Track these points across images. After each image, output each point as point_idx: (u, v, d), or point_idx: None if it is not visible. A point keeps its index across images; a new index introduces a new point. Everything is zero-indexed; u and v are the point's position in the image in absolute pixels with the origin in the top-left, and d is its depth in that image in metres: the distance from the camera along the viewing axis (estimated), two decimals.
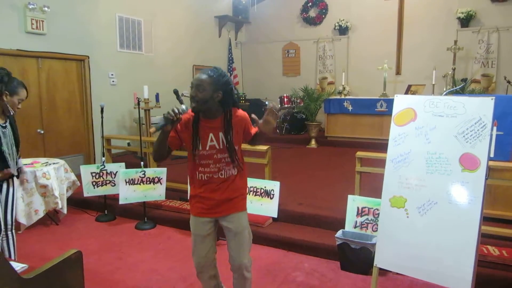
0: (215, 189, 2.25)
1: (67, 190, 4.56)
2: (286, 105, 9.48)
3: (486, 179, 2.33)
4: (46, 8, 5.66)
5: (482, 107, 2.39)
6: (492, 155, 3.30)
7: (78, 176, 4.74)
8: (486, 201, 2.63)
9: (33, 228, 4.25)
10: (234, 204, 2.29)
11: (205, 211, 2.28)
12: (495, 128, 3.33)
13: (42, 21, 5.70)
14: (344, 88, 9.15)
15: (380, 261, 2.68)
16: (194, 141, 2.19)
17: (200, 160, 2.22)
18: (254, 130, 2.26)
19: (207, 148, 2.20)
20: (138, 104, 5.00)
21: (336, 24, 9.85)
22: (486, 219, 3.12)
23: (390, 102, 7.53)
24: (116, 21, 7.09)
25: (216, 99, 2.13)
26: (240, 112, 2.30)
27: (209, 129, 2.20)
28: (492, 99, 2.38)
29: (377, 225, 3.04)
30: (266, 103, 10.16)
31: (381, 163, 2.93)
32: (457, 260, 2.33)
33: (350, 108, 8.22)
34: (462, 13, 8.52)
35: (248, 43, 11.17)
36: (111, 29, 7.01)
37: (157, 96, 6.71)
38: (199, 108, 2.15)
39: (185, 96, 7.88)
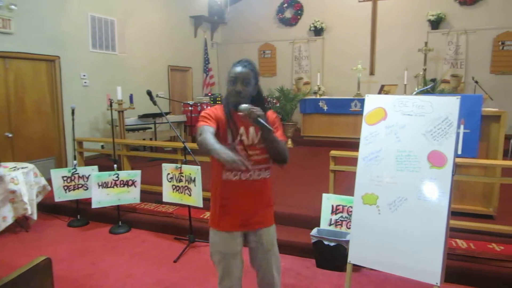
0: (245, 195, 1.99)
1: (37, 195, 4.43)
2: None
3: (453, 175, 2.40)
4: (13, 7, 5.48)
5: (449, 106, 2.47)
6: (460, 152, 3.41)
7: (49, 181, 4.61)
8: (454, 196, 2.72)
9: (1, 235, 4.10)
10: (267, 215, 2.07)
11: (236, 224, 2.02)
12: (462, 126, 3.44)
13: (9, 19, 5.51)
14: (319, 88, 9.27)
15: (353, 257, 2.73)
16: (228, 133, 1.95)
17: None
18: (278, 134, 1.99)
19: (237, 142, 1.97)
20: (111, 105, 4.92)
21: (311, 25, 9.96)
22: (454, 214, 3.21)
23: (364, 102, 7.65)
24: (89, 20, 6.94)
25: (254, 92, 1.99)
26: (271, 111, 2.11)
27: (240, 122, 1.95)
28: (457, 98, 2.46)
29: (351, 222, 3.09)
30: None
31: (355, 161, 2.98)
32: (427, 254, 2.40)
33: (325, 108, 8.33)
34: (433, 15, 8.78)
35: (224, 43, 11.15)
36: (83, 28, 6.85)
37: (131, 97, 6.60)
38: (244, 103, 1.89)
39: (159, 97, 7.82)
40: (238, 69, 1.96)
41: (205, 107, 8.75)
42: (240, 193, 1.98)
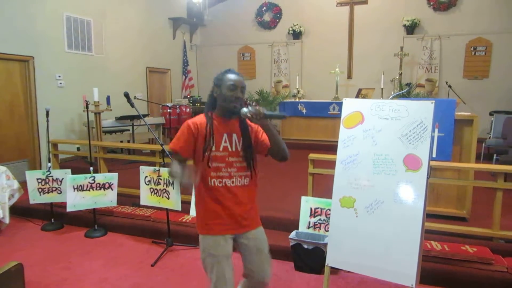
0: (230, 199, 2.05)
1: (9, 198, 4.28)
2: None
3: (428, 178, 2.46)
4: None
5: (423, 110, 2.53)
6: (434, 155, 3.50)
7: (23, 183, 4.47)
8: (429, 199, 2.78)
9: None
10: (254, 217, 2.16)
11: (227, 227, 2.05)
12: (436, 130, 3.53)
13: None
14: (298, 92, 9.35)
15: (331, 260, 2.75)
16: (209, 140, 2.00)
17: (212, 163, 2.01)
18: (264, 138, 2.09)
19: (221, 149, 2.02)
20: (87, 107, 4.81)
21: (290, 29, 10.04)
22: (429, 216, 3.29)
23: (342, 106, 7.77)
24: (64, 20, 6.78)
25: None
26: None
27: (223, 129, 2.05)
28: (432, 102, 2.52)
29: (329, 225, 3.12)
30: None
31: (333, 164, 3.01)
32: (402, 256, 2.44)
33: (304, 111, 8.40)
34: (408, 21, 8.99)
35: (203, 46, 11.10)
36: (58, 28, 6.70)
37: (108, 98, 6.48)
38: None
39: (137, 99, 7.71)
40: (235, 77, 2.05)
41: (184, 109, 8.71)
42: (227, 198, 2.04)
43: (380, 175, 2.62)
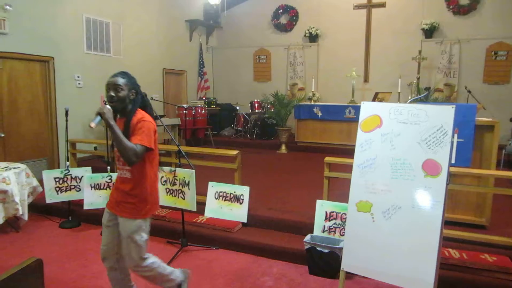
0: (116, 188, 2.44)
1: (28, 196, 4.37)
2: (257, 111, 9.53)
3: (447, 184, 2.42)
4: (8, 7, 5.44)
5: (444, 115, 2.49)
6: (453, 161, 3.44)
7: (41, 181, 4.56)
8: (447, 205, 2.73)
9: None
10: (122, 208, 2.38)
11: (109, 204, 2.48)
12: (456, 135, 3.47)
13: (4, 20, 5.46)
14: (314, 95, 9.31)
15: (346, 265, 2.73)
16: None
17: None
18: (135, 139, 2.24)
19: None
20: None
21: (307, 32, 10.02)
22: (447, 223, 3.23)
23: (358, 109, 7.67)
24: (83, 22, 6.90)
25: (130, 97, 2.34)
26: (141, 116, 2.34)
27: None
28: (452, 107, 2.48)
29: (345, 230, 3.09)
30: (237, 108, 10.17)
31: (349, 168, 2.99)
32: (420, 263, 2.41)
33: (319, 114, 8.35)
34: (426, 24, 8.87)
35: (219, 48, 11.16)
36: (77, 30, 6.81)
37: None
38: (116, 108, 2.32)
39: (154, 99, 7.79)
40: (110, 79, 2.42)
41: (199, 110, 8.75)
42: (116, 184, 2.47)
43: (398, 180, 2.59)
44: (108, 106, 2.26)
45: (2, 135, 5.60)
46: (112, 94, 2.30)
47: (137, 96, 2.39)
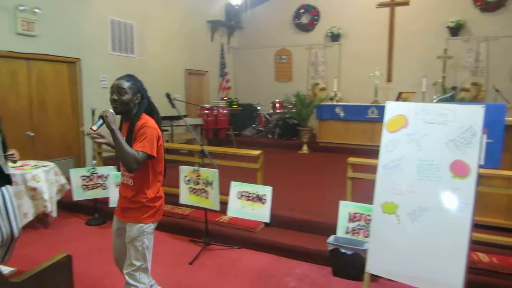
0: (120, 194, 2.42)
1: (56, 193, 4.50)
2: (278, 111, 9.52)
3: (476, 186, 2.36)
4: (37, 10, 5.61)
5: (473, 115, 2.43)
6: (482, 162, 3.35)
7: (68, 179, 4.69)
8: (476, 208, 2.66)
9: (22, 231, 4.12)
10: (125, 214, 2.36)
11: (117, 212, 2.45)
12: (485, 135, 3.37)
13: (33, 22, 5.64)
14: (336, 94, 9.23)
15: (371, 267, 2.69)
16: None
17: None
18: (137, 146, 2.18)
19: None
20: None
21: (328, 31, 9.94)
22: (476, 226, 3.14)
23: (381, 109, 7.60)
24: (108, 24, 7.05)
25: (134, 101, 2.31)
26: (145, 121, 2.27)
27: (122, 132, 2.31)
28: (482, 107, 2.42)
29: (369, 231, 3.06)
30: (258, 108, 10.19)
31: (372, 169, 2.95)
32: (448, 267, 2.35)
33: (341, 114, 8.28)
34: (452, 22, 8.66)
35: (240, 48, 11.20)
36: (103, 32, 6.97)
37: None
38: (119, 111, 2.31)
39: (176, 99, 7.89)
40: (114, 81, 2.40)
41: (221, 110, 8.81)
42: (120, 190, 2.43)
43: (424, 181, 2.54)
44: (111, 110, 2.23)
45: (32, 134, 5.78)
46: (115, 97, 2.27)
47: (143, 100, 2.33)
